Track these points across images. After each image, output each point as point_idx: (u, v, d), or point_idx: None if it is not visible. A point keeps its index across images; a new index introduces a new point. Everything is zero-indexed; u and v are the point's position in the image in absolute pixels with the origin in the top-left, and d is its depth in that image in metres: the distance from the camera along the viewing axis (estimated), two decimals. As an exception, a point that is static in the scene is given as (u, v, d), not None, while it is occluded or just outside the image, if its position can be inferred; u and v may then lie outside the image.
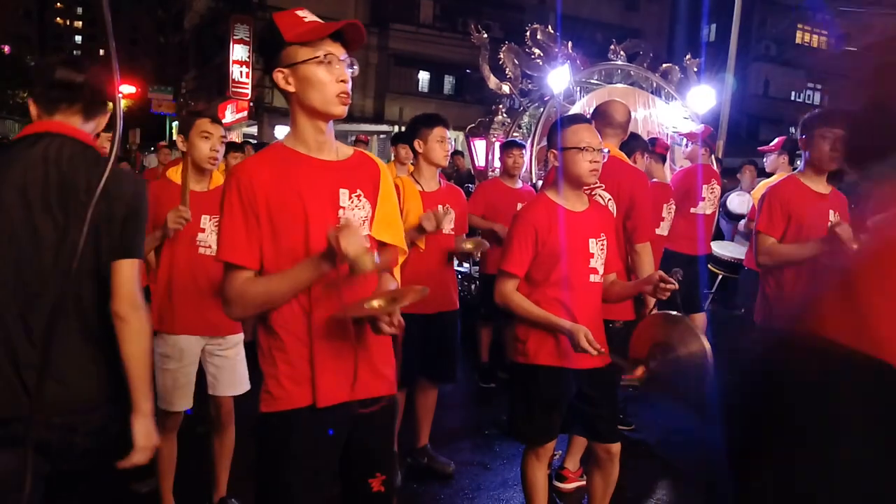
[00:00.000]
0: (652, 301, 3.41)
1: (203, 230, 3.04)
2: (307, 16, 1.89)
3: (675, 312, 2.95)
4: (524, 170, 5.82)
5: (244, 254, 1.86)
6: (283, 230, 1.87)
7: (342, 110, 1.90)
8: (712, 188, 5.52)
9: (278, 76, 1.88)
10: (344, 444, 2.01)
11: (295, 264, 1.86)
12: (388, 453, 2.16)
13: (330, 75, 1.86)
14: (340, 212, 1.93)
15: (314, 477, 1.96)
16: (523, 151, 5.62)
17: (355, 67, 1.93)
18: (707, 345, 2.72)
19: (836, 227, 3.11)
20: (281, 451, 1.93)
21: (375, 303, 1.90)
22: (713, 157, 6.63)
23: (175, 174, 3.15)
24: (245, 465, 3.37)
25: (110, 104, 1.93)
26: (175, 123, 32.14)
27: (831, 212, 3.34)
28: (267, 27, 1.90)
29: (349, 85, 1.90)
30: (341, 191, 1.95)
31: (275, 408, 1.92)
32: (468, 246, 3.90)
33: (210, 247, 3.03)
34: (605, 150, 2.82)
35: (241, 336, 3.21)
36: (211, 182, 3.15)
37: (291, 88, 1.88)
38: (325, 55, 1.85)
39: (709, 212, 5.53)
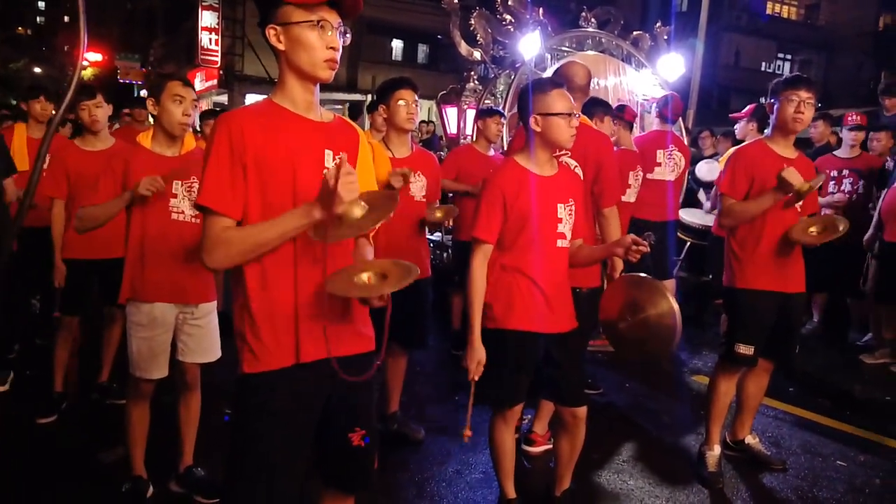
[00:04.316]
0: (620, 265, 3.44)
1: (175, 196, 3.00)
2: None
3: (643, 274, 2.98)
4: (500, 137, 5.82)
5: (228, 201, 1.84)
6: (270, 185, 1.87)
7: (329, 75, 1.93)
8: (671, 154, 5.52)
9: (270, 32, 1.89)
10: (324, 401, 2.02)
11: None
12: (368, 409, 2.16)
13: (321, 40, 1.87)
14: (325, 171, 1.92)
15: (295, 435, 1.96)
16: (504, 120, 5.61)
17: (347, 36, 1.95)
18: (675, 305, 2.76)
19: (783, 172, 3.18)
20: (263, 411, 1.92)
21: (365, 276, 1.90)
22: (679, 125, 6.66)
23: (145, 139, 3.10)
24: (211, 433, 3.38)
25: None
26: (143, 92, 31.51)
27: None
28: None
29: (339, 52, 1.91)
30: (326, 151, 1.97)
31: (257, 368, 1.91)
32: (438, 214, 3.91)
33: (183, 212, 3.00)
34: (577, 115, 2.81)
35: (213, 304, 3.18)
36: (182, 147, 3.10)
37: (282, 47, 1.89)
38: (318, 20, 1.86)
39: (669, 178, 5.53)
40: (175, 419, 3.23)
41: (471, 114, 7.11)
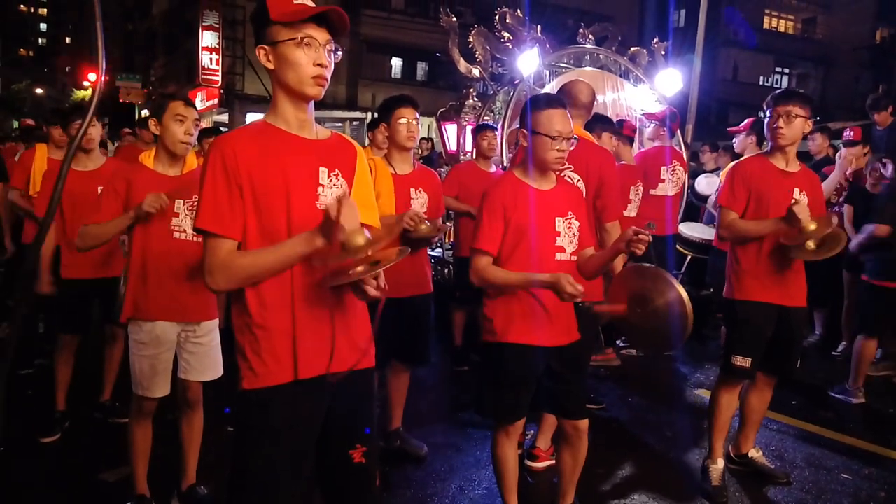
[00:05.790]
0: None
1: (177, 214, 3.01)
2: None
3: (648, 264, 2.98)
4: (496, 153, 5.85)
5: (228, 223, 1.86)
6: (265, 204, 1.89)
7: (317, 92, 1.94)
8: (674, 170, 5.57)
9: (260, 52, 1.92)
10: (323, 418, 2.02)
11: (277, 237, 1.89)
12: (369, 425, 2.16)
13: (307, 57, 1.89)
14: (319, 189, 1.95)
15: (295, 452, 1.97)
16: (496, 134, 5.64)
17: (339, 53, 1.97)
18: (683, 292, 2.76)
19: (794, 206, 3.17)
20: (262, 427, 1.93)
21: (358, 266, 1.91)
22: (677, 139, 6.70)
23: (148, 159, 3.11)
24: (214, 452, 3.38)
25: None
26: (144, 112, 31.67)
27: (796, 189, 3.39)
28: (259, 2, 1.92)
29: (329, 70, 1.93)
30: (321, 169, 1.98)
31: (257, 384, 1.92)
32: (423, 227, 3.64)
33: (185, 231, 3.01)
34: (575, 138, 2.81)
35: (216, 322, 3.18)
36: (185, 166, 3.12)
37: (271, 66, 1.92)
38: (303, 38, 1.88)
39: (671, 193, 5.58)
40: (178, 437, 3.23)
41: (470, 130, 7.15)
